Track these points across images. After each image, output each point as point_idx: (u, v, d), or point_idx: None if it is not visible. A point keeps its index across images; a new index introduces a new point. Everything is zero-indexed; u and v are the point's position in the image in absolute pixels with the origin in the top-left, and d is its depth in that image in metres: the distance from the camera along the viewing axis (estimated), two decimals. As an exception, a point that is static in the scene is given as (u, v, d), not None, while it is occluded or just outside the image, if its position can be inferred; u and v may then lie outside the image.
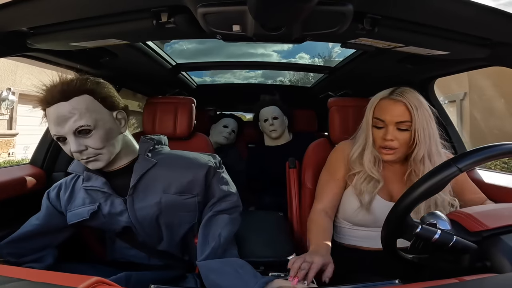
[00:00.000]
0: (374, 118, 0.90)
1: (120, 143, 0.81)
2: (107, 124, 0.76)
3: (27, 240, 0.81)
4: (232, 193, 0.88)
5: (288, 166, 1.29)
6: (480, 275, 0.45)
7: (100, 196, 0.82)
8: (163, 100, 1.44)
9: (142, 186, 0.81)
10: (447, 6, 0.66)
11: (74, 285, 0.38)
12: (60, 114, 0.71)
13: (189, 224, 0.85)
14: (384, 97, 0.90)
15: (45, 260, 0.82)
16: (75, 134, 0.72)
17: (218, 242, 0.78)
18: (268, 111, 1.79)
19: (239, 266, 0.73)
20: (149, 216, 0.81)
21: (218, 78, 2.44)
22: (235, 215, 0.86)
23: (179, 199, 0.82)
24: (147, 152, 0.85)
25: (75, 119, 0.71)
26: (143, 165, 0.82)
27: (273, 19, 0.67)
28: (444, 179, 0.55)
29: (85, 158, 0.75)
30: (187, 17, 0.72)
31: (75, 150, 0.72)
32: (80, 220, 0.82)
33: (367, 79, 1.61)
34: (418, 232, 0.56)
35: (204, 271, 0.75)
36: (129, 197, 0.81)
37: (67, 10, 0.71)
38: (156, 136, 0.93)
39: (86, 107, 0.73)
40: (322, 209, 0.95)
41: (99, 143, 0.74)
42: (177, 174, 0.82)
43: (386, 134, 0.87)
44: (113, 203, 0.81)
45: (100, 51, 1.08)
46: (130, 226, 0.83)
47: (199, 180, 0.83)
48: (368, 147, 0.92)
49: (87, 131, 0.73)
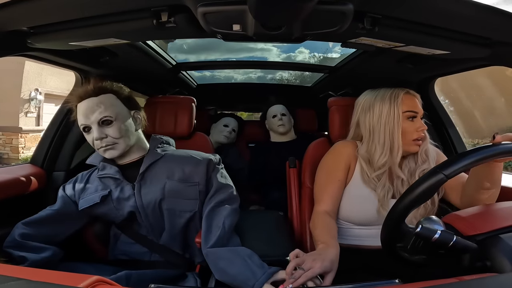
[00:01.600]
0: (407, 112, 0.91)
1: (135, 138, 0.94)
2: (125, 119, 0.91)
3: (41, 224, 0.87)
4: (229, 185, 0.97)
5: (288, 166, 1.29)
6: (480, 275, 0.45)
7: (112, 183, 0.92)
8: (163, 100, 1.44)
9: (149, 174, 0.92)
10: (448, 6, 0.66)
11: (75, 284, 0.38)
12: (90, 106, 0.86)
13: (189, 212, 0.91)
14: (406, 93, 0.93)
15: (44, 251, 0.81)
16: (99, 124, 0.86)
17: (223, 230, 0.85)
18: (277, 108, 1.89)
19: (247, 255, 0.79)
20: (153, 200, 0.89)
21: (218, 73, 2.44)
22: (234, 205, 0.93)
23: (181, 186, 0.91)
24: (156, 147, 0.98)
25: (101, 111, 0.86)
26: (152, 156, 0.94)
27: (273, 18, 0.67)
28: (431, 186, 0.56)
29: (104, 145, 0.87)
30: (187, 17, 0.72)
31: (97, 137, 0.85)
32: (92, 205, 0.89)
33: (367, 79, 1.60)
34: (418, 231, 0.56)
35: (213, 258, 0.81)
36: (137, 183, 0.91)
37: (67, 9, 0.71)
38: (165, 137, 1.06)
39: (110, 103, 0.88)
40: (325, 211, 0.93)
41: (118, 133, 0.87)
42: (180, 164, 0.94)
43: (421, 125, 0.91)
44: (123, 189, 0.91)
45: (100, 51, 1.08)
46: (135, 212, 0.90)
47: (200, 170, 0.93)
48: (396, 145, 0.90)
49: (109, 121, 0.87)
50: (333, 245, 0.76)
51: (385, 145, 0.91)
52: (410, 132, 0.91)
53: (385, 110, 0.91)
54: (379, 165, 0.91)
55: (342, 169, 0.96)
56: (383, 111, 0.92)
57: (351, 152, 0.98)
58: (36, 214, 0.88)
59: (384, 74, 1.41)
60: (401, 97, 0.91)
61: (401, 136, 0.90)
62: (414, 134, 0.90)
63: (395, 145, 0.90)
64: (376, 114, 0.93)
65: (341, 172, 0.96)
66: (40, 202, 0.89)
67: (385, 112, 0.91)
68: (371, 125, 0.94)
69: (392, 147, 0.91)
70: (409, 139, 0.91)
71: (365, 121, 0.96)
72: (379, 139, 0.92)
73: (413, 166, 0.94)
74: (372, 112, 0.94)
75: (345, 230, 0.98)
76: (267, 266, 0.75)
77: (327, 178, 0.98)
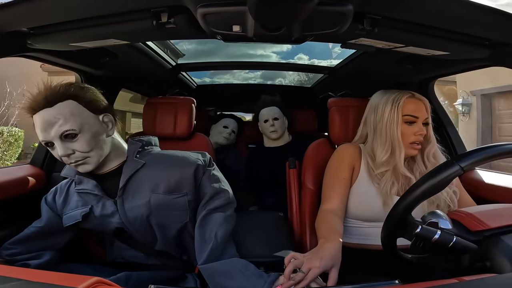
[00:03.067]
0: (406, 115, 0.93)
1: (109, 145, 0.82)
2: (93, 127, 0.78)
3: (30, 242, 0.83)
4: (224, 190, 0.88)
5: (288, 166, 1.29)
6: (480, 275, 0.45)
7: (92, 198, 0.84)
8: (163, 101, 1.44)
9: (131, 187, 0.83)
10: (447, 7, 0.66)
11: (75, 285, 0.38)
12: (46, 120, 0.73)
13: (180, 223, 0.85)
14: (409, 97, 0.94)
15: (42, 257, 0.82)
16: (61, 139, 0.74)
17: (216, 242, 0.78)
18: (268, 112, 1.77)
19: (243, 266, 0.74)
20: (140, 216, 0.81)
21: (218, 79, 2.44)
22: (229, 212, 0.86)
23: (168, 198, 0.82)
24: (135, 153, 0.86)
25: (60, 124, 0.73)
26: (132, 166, 0.84)
27: (273, 19, 0.67)
28: (446, 178, 0.54)
29: (74, 161, 0.76)
30: (187, 18, 0.72)
31: (62, 154, 0.74)
32: (74, 223, 0.83)
33: (367, 79, 1.61)
34: (418, 232, 0.56)
35: (208, 275, 0.75)
36: (119, 199, 0.82)
37: (67, 10, 0.71)
38: (145, 137, 0.94)
39: (70, 112, 0.74)
40: (330, 209, 0.94)
41: (86, 146, 0.75)
42: (164, 174, 0.83)
43: (420, 129, 0.92)
44: (104, 205, 0.83)
45: (100, 51, 1.08)
46: (123, 227, 0.83)
47: (187, 178, 0.84)
48: (397, 146, 0.93)
49: (73, 135, 0.74)
50: (332, 239, 0.74)
51: (386, 144, 0.94)
52: (407, 135, 0.93)
53: (387, 112, 0.95)
54: (382, 162, 0.94)
55: (346, 168, 0.98)
56: (385, 112, 0.95)
57: (354, 153, 1.00)
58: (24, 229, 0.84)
59: (384, 75, 1.41)
60: (403, 101, 0.93)
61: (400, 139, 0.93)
62: (411, 137, 0.93)
63: (396, 146, 0.93)
64: (379, 114, 0.97)
65: (345, 171, 0.98)
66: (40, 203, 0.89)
67: (386, 114, 0.95)
68: (374, 124, 0.98)
69: (394, 147, 0.93)
70: (406, 142, 0.93)
71: (370, 119, 1.00)
72: (380, 138, 0.96)
73: (423, 169, 0.97)
74: (377, 112, 0.98)
75: (354, 229, 0.98)
76: (265, 274, 0.71)
77: (332, 178, 1.00)
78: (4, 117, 6.02)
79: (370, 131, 1.00)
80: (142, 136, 0.94)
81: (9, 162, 5.82)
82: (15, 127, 6.08)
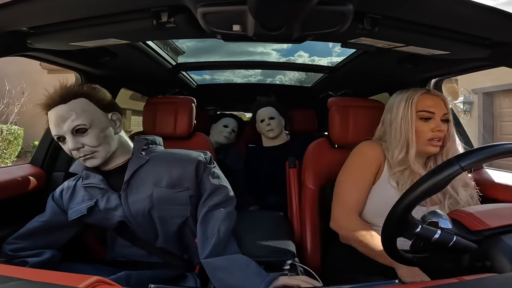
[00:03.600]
0: (420, 112, 0.92)
1: (116, 142, 0.87)
2: (102, 124, 0.83)
3: (33, 237, 0.85)
4: (223, 186, 0.90)
5: (288, 166, 1.29)
6: (480, 275, 0.45)
7: (98, 192, 0.87)
8: (163, 100, 1.44)
9: (135, 181, 0.86)
10: (447, 6, 0.66)
11: (75, 284, 0.38)
12: (59, 115, 0.78)
13: (181, 218, 0.88)
14: (423, 93, 0.93)
15: (43, 255, 0.82)
16: (72, 133, 0.78)
17: (218, 237, 0.81)
18: (264, 112, 1.80)
19: (245, 263, 0.76)
20: (142, 209, 0.84)
21: (218, 77, 2.44)
22: (230, 208, 0.89)
23: (170, 192, 0.85)
24: (140, 150, 0.91)
25: (73, 119, 0.78)
26: (136, 162, 0.88)
27: (273, 19, 0.67)
28: (446, 177, 0.54)
29: (82, 155, 0.80)
30: (187, 17, 0.72)
31: (72, 147, 0.78)
32: (79, 216, 0.85)
33: (367, 79, 1.61)
34: (418, 232, 0.55)
35: (210, 269, 0.78)
36: (123, 192, 0.85)
37: (67, 9, 0.71)
38: (151, 136, 0.99)
39: (82, 108, 0.80)
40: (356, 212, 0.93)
41: (95, 141, 0.80)
42: (167, 169, 0.87)
43: (437, 126, 0.91)
44: (109, 199, 0.86)
45: (100, 51, 1.08)
46: (125, 221, 0.86)
47: (189, 173, 0.87)
48: (412, 144, 0.92)
49: (83, 130, 0.79)
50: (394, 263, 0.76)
51: (401, 142, 0.93)
52: (424, 132, 0.92)
53: (401, 109, 0.94)
54: (398, 161, 0.93)
55: (373, 173, 0.97)
56: (399, 110, 0.95)
57: (380, 153, 0.98)
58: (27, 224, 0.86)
59: (384, 75, 1.41)
60: (416, 97, 0.93)
61: (415, 136, 0.92)
62: (428, 134, 0.91)
63: (410, 144, 0.92)
64: (394, 113, 0.97)
65: (372, 175, 0.97)
66: (40, 202, 0.89)
67: (401, 112, 0.94)
68: (391, 123, 0.98)
69: (408, 146, 0.92)
70: (424, 139, 0.92)
71: (387, 119, 1.00)
72: (395, 136, 0.95)
73: None
74: (392, 111, 0.98)
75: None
76: (265, 274, 0.73)
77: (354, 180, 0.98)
78: (4, 115, 6.03)
79: (387, 130, 0.99)
80: (148, 135, 0.98)
81: (9, 161, 5.83)
82: (15, 125, 6.09)
